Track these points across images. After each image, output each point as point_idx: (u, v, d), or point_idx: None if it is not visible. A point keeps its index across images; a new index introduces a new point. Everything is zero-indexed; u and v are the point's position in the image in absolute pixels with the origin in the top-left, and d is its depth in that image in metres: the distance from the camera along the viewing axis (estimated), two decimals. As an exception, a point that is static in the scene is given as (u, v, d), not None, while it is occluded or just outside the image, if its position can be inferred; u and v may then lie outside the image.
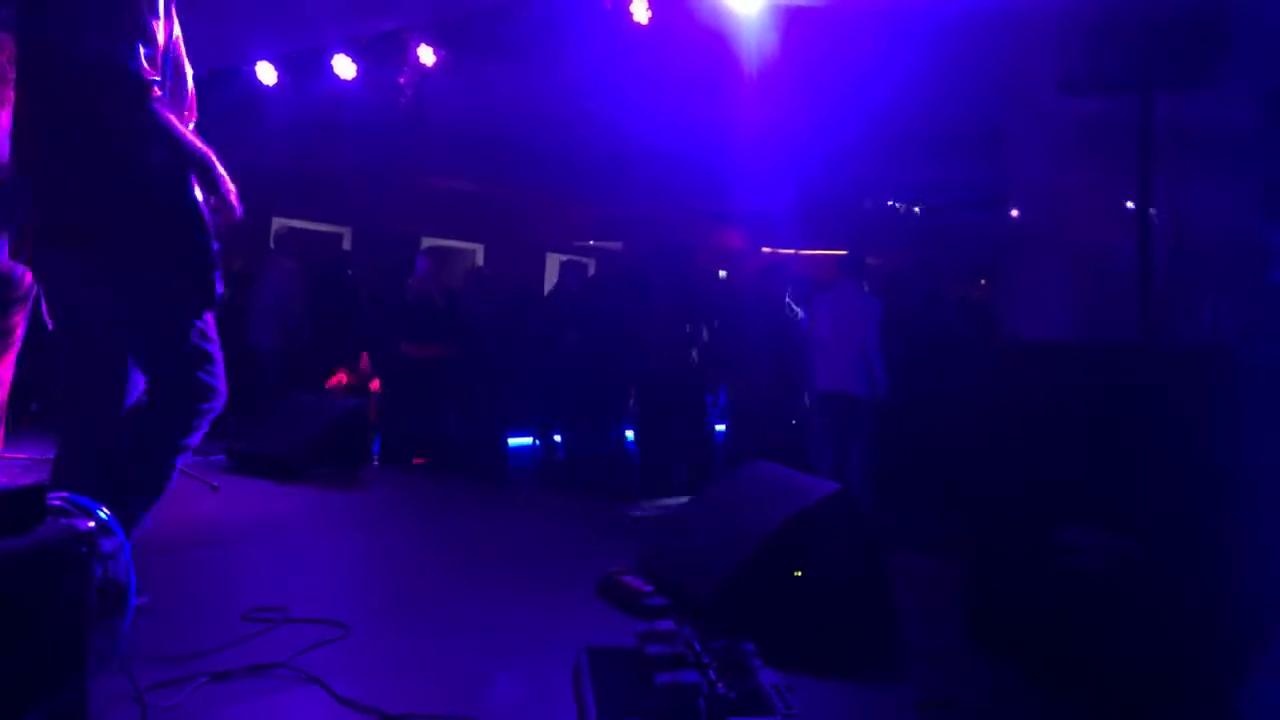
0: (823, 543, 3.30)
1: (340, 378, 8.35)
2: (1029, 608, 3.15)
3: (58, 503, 1.86)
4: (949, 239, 8.03)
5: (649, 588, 3.54)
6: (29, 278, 4.01)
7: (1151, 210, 3.48)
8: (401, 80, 8.03)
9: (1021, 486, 3.28)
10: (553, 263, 13.54)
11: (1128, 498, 2.91)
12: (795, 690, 2.43)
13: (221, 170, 2.77)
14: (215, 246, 2.80)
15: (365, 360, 8.46)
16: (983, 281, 7.82)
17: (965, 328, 6.74)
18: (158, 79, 2.65)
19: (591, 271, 10.22)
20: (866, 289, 6.15)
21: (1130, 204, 4.33)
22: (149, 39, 2.63)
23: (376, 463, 6.92)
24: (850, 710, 2.78)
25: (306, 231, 10.05)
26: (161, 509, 2.89)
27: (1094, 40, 3.87)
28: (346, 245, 11.98)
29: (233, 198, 2.80)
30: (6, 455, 5.29)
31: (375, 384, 8.22)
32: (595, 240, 14.20)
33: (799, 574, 3.20)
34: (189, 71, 2.92)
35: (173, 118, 2.69)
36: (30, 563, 1.70)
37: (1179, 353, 3.35)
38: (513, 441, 8.33)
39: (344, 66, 7.91)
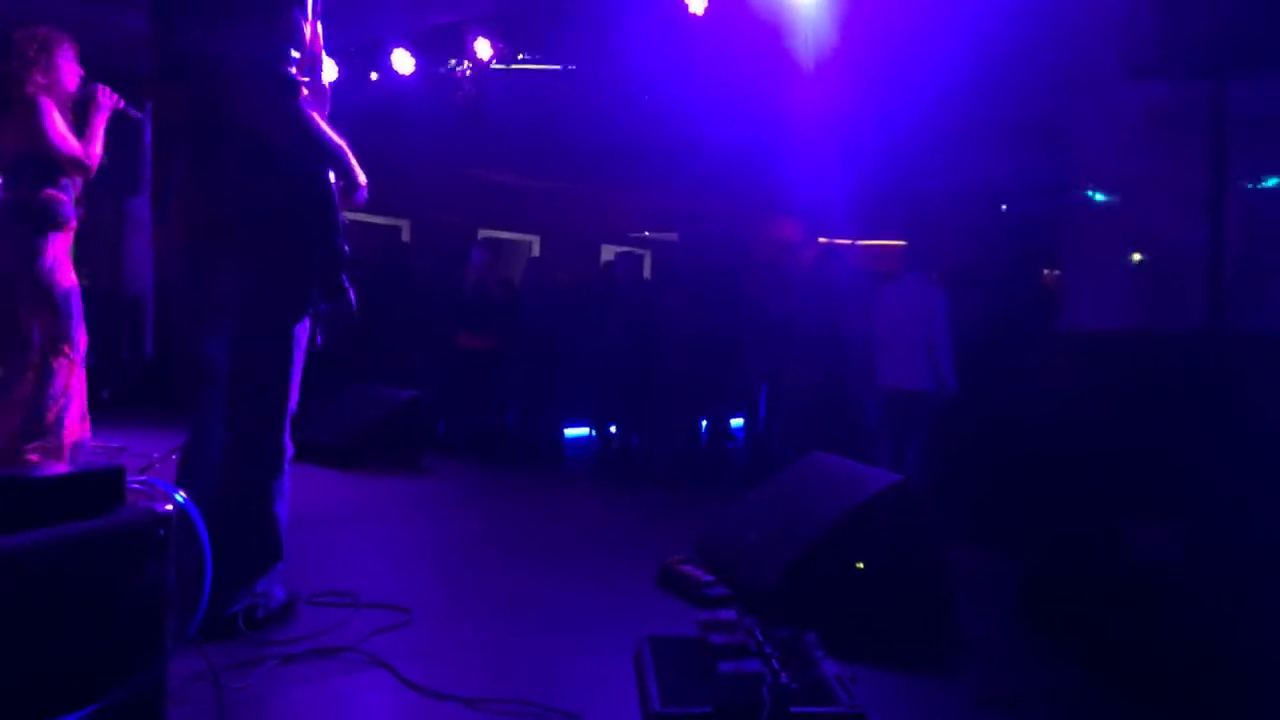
0: (883, 534, 3.27)
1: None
2: (1091, 600, 3.09)
3: (137, 485, 1.90)
4: (1013, 227, 7.88)
5: (709, 577, 3.54)
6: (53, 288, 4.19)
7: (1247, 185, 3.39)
8: (459, 74, 8.10)
9: (1082, 477, 3.22)
10: (608, 254, 13.56)
11: (1192, 487, 2.84)
12: (857, 682, 2.41)
13: (354, 161, 2.90)
14: (345, 248, 2.88)
15: None
16: (1053, 272, 7.64)
17: (1031, 317, 6.59)
18: (306, 80, 2.76)
19: (648, 263, 10.23)
20: (933, 279, 5.96)
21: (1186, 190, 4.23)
22: (299, 43, 2.73)
23: (435, 452, 6.99)
24: (912, 702, 2.75)
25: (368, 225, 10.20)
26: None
27: (1162, 25, 3.77)
28: (405, 237, 12.13)
29: (362, 186, 2.95)
30: (94, 443, 5.46)
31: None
32: (650, 231, 14.18)
33: (861, 566, 3.18)
34: (325, 64, 3.02)
35: (315, 115, 2.79)
36: (110, 545, 1.74)
37: (1248, 339, 3.27)
38: (569, 432, 8.38)
39: (403, 61, 8.00)
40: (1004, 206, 8.75)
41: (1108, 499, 3.07)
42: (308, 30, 2.82)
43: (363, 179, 2.95)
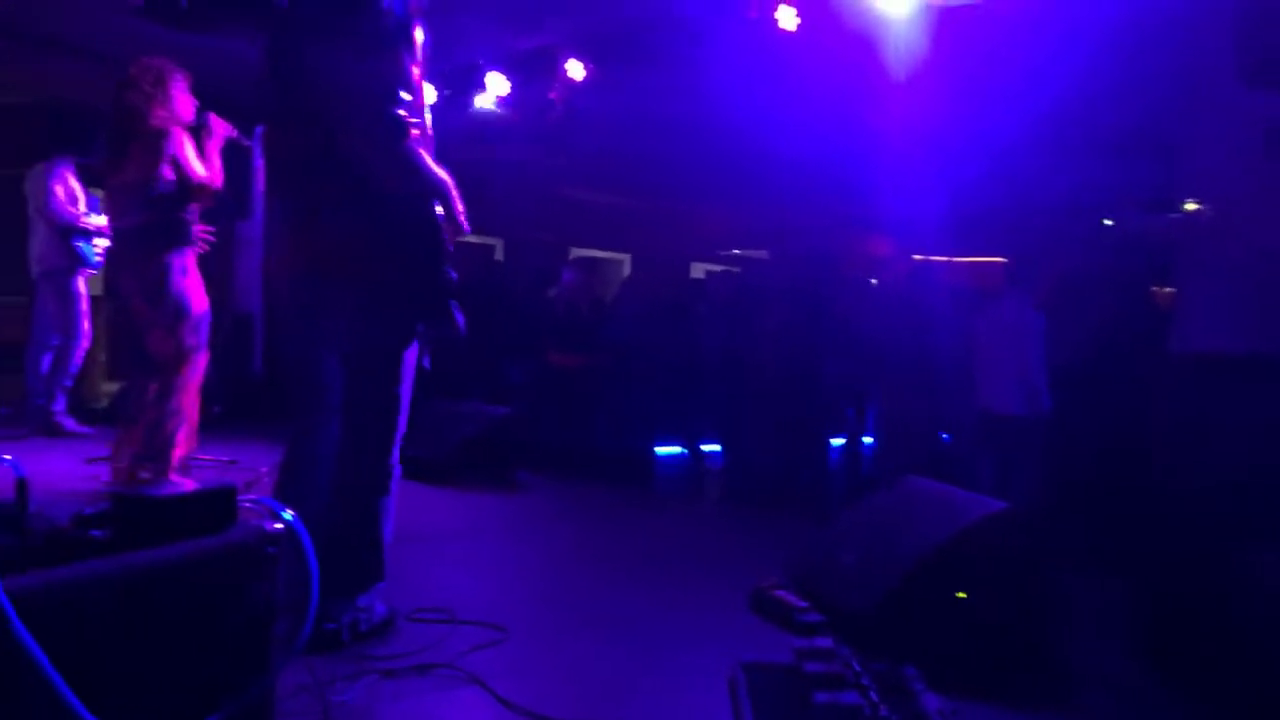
0: (986, 561, 3.17)
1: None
2: (1209, 632, 2.95)
3: (248, 504, 1.97)
4: (1120, 243, 7.62)
5: (804, 604, 3.49)
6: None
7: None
8: (552, 95, 8.21)
9: (1201, 502, 3.07)
10: (698, 272, 13.58)
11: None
12: (960, 716, 2.34)
13: (457, 198, 2.98)
14: (454, 276, 2.96)
15: None
16: (1163, 289, 7.35)
17: (1142, 337, 6.35)
18: (416, 122, 2.84)
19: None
20: (1032, 298, 5.79)
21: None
22: (409, 86, 2.82)
23: (528, 469, 7.05)
24: (1017, 739, 2.66)
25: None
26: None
27: (1276, 28, 3.60)
28: (498, 256, 12.35)
29: (463, 219, 3.02)
30: (205, 457, 5.68)
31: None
32: (740, 249, 14.15)
33: (963, 595, 3.09)
34: (427, 100, 3.10)
35: (423, 154, 2.88)
36: (224, 562, 1.80)
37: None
38: (661, 450, 8.38)
39: (497, 83, 8.15)
40: (1109, 221, 8.48)
41: (1226, 527, 2.93)
42: (415, 72, 2.89)
43: (464, 219, 3.02)
